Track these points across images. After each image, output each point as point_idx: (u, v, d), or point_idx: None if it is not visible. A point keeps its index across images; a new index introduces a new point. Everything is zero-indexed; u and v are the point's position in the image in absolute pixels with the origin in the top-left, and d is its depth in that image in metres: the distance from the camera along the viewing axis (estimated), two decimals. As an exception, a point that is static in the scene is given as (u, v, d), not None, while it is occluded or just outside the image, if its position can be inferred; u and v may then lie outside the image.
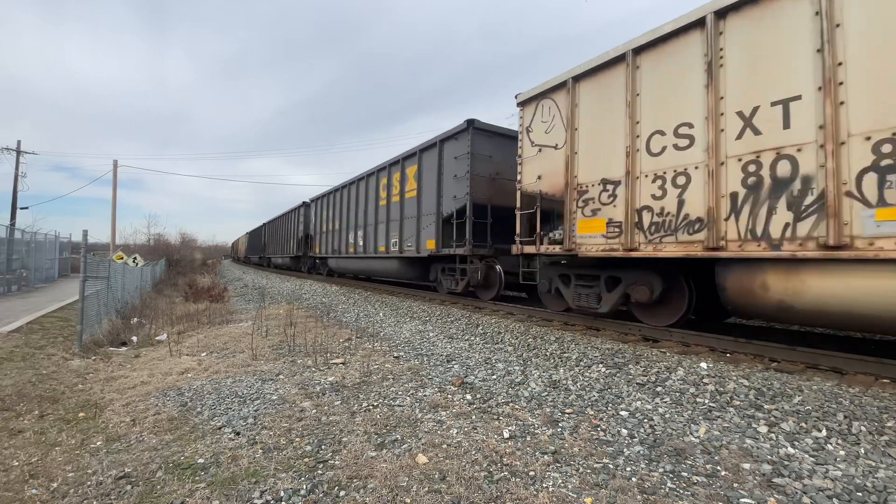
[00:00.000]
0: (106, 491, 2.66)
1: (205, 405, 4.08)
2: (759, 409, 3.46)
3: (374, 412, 3.80)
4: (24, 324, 8.41)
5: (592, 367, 4.74)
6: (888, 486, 2.46)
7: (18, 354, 6.04)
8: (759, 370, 4.16)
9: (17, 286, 15.04)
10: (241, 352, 6.21)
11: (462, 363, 5.33)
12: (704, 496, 2.47)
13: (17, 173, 25.12)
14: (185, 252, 34.00)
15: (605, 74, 6.07)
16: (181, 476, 2.81)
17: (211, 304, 12.76)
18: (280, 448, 3.16)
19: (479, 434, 3.33)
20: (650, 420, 3.48)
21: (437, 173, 9.82)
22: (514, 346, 5.96)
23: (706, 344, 5.12)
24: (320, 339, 6.65)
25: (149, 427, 3.62)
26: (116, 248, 24.07)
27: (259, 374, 5.02)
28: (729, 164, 4.66)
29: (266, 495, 2.56)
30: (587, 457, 2.96)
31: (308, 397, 4.22)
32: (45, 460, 3.08)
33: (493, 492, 2.54)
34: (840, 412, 3.24)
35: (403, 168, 11.42)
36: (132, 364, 5.92)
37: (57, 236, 21.83)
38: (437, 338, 6.75)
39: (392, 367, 5.25)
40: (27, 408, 4.11)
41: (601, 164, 6.05)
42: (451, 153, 9.48)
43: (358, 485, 2.65)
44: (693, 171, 4.97)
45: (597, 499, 2.47)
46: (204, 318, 9.78)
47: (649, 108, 5.47)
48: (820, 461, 2.74)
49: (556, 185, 6.75)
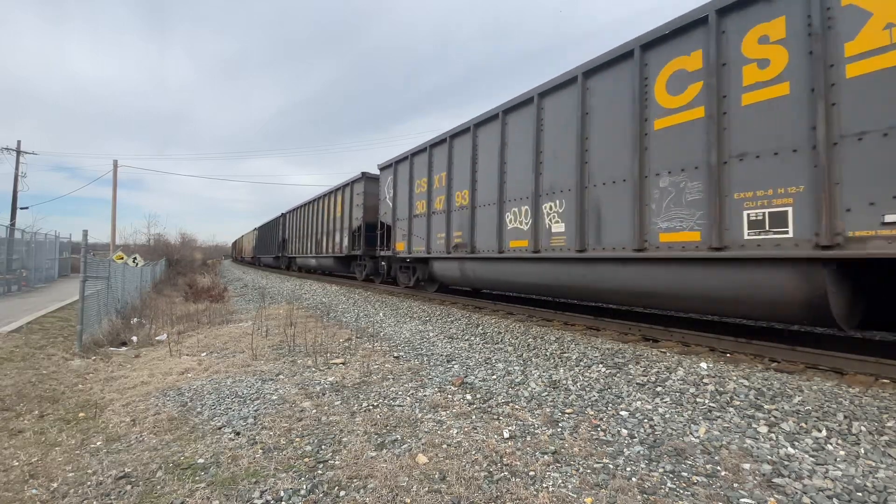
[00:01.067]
0: (106, 491, 2.66)
1: (205, 405, 4.08)
2: (759, 409, 3.46)
3: (374, 412, 3.80)
4: (25, 324, 8.41)
5: (592, 367, 4.74)
6: (888, 486, 2.46)
7: (18, 354, 6.04)
8: (759, 370, 4.16)
9: (17, 286, 15.05)
10: (241, 352, 6.21)
11: (462, 363, 5.33)
12: (704, 496, 2.47)
13: (17, 173, 25.14)
14: (185, 252, 33.99)
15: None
16: (181, 476, 2.81)
17: (211, 304, 12.77)
18: (280, 448, 3.16)
19: (480, 434, 3.33)
20: (650, 420, 3.48)
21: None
22: (514, 346, 5.96)
23: (706, 344, 5.12)
24: (320, 339, 6.66)
25: (149, 427, 3.62)
26: (116, 248, 24.07)
27: (259, 374, 5.02)
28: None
29: (266, 495, 2.56)
30: (587, 457, 2.96)
31: (308, 397, 4.22)
32: (45, 460, 3.08)
33: (493, 492, 2.54)
34: (840, 412, 3.24)
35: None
36: (132, 364, 5.93)
37: (57, 236, 21.85)
38: (437, 338, 6.75)
39: (392, 367, 5.25)
40: (27, 408, 4.11)
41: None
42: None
43: (358, 485, 2.65)
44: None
45: (597, 499, 2.47)
46: (204, 318, 9.79)
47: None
48: (820, 461, 2.74)
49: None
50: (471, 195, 8.55)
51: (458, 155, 9.13)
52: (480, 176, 8.42)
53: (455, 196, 9.13)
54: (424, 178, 10.24)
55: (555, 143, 6.74)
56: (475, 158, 8.54)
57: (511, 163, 7.64)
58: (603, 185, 5.90)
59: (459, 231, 8.93)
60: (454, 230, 9.12)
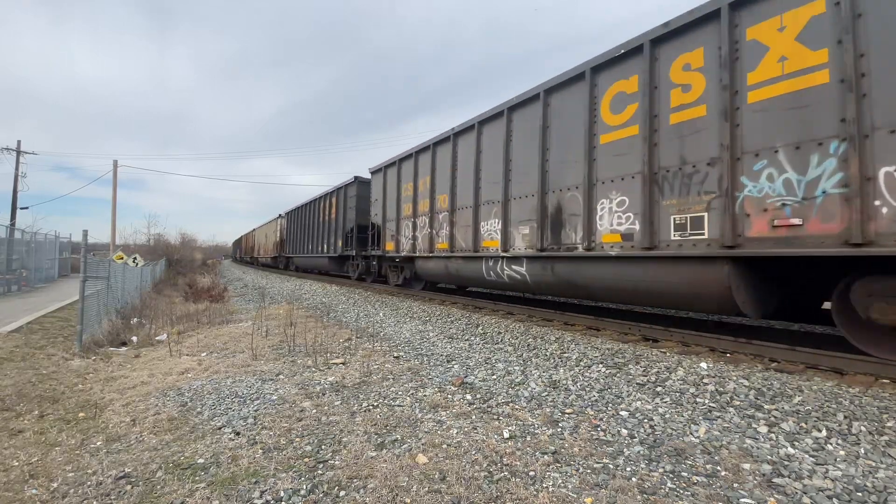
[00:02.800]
0: (106, 491, 2.66)
1: (205, 405, 4.08)
2: (759, 409, 3.46)
3: (374, 412, 3.80)
4: (24, 324, 8.41)
5: (592, 367, 4.74)
6: (888, 486, 2.46)
7: (18, 354, 6.04)
8: (759, 370, 4.16)
9: (17, 286, 15.04)
10: (241, 352, 6.21)
11: (462, 363, 5.33)
12: (704, 496, 2.47)
13: (17, 173, 25.15)
14: (185, 252, 33.95)
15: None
16: (181, 476, 2.81)
17: (211, 304, 12.76)
18: (280, 448, 3.16)
19: (479, 434, 3.33)
20: (650, 420, 3.48)
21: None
22: (514, 346, 5.96)
23: (706, 344, 5.12)
24: (320, 339, 6.65)
25: (149, 427, 3.62)
26: (116, 248, 24.07)
27: (259, 374, 5.02)
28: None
29: (266, 495, 2.56)
30: (587, 457, 2.96)
31: (308, 397, 4.21)
32: (45, 460, 3.08)
33: (493, 492, 2.54)
34: (840, 412, 3.24)
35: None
36: (132, 364, 5.92)
37: (57, 236, 21.84)
38: (437, 338, 6.75)
39: (392, 367, 5.25)
40: (27, 408, 4.11)
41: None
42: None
43: (358, 485, 2.65)
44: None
45: (597, 499, 2.47)
46: (204, 318, 9.79)
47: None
48: (820, 461, 2.74)
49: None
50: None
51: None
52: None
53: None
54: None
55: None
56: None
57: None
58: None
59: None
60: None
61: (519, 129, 7.47)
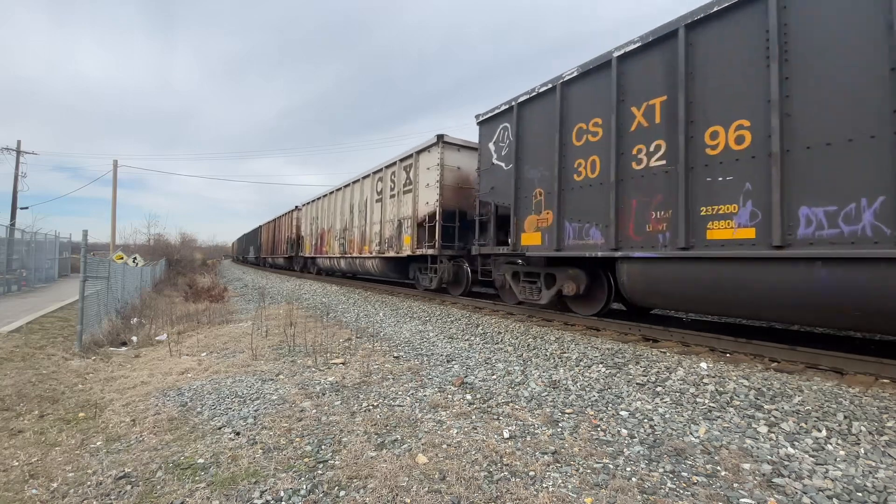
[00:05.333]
0: (106, 491, 2.66)
1: (205, 405, 4.08)
2: (759, 409, 3.46)
3: (374, 412, 3.80)
4: (24, 324, 8.41)
5: (592, 367, 4.74)
6: (888, 486, 2.46)
7: (18, 354, 6.03)
8: (759, 370, 4.16)
9: (17, 286, 15.04)
10: (241, 352, 6.21)
11: (462, 363, 5.33)
12: (704, 496, 2.47)
13: (17, 173, 25.13)
14: (186, 252, 33.98)
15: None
16: (181, 476, 2.81)
17: (211, 304, 12.76)
18: (280, 448, 3.16)
19: (479, 434, 3.33)
20: (650, 420, 3.48)
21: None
22: (514, 346, 5.96)
23: (706, 344, 5.12)
24: (320, 338, 6.65)
25: (149, 427, 3.62)
26: (116, 248, 24.07)
27: (259, 374, 5.02)
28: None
29: (266, 495, 2.56)
30: (587, 457, 2.96)
31: (308, 397, 4.21)
32: (45, 460, 3.08)
33: (493, 492, 2.54)
34: (840, 412, 3.24)
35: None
36: (132, 364, 5.92)
37: (57, 236, 21.83)
38: (437, 338, 6.75)
39: (392, 367, 5.25)
40: (27, 408, 4.10)
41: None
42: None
43: (358, 485, 2.65)
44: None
45: (597, 499, 2.47)
46: (204, 318, 9.79)
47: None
48: (820, 461, 2.74)
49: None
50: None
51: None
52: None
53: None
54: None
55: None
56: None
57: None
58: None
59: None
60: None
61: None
